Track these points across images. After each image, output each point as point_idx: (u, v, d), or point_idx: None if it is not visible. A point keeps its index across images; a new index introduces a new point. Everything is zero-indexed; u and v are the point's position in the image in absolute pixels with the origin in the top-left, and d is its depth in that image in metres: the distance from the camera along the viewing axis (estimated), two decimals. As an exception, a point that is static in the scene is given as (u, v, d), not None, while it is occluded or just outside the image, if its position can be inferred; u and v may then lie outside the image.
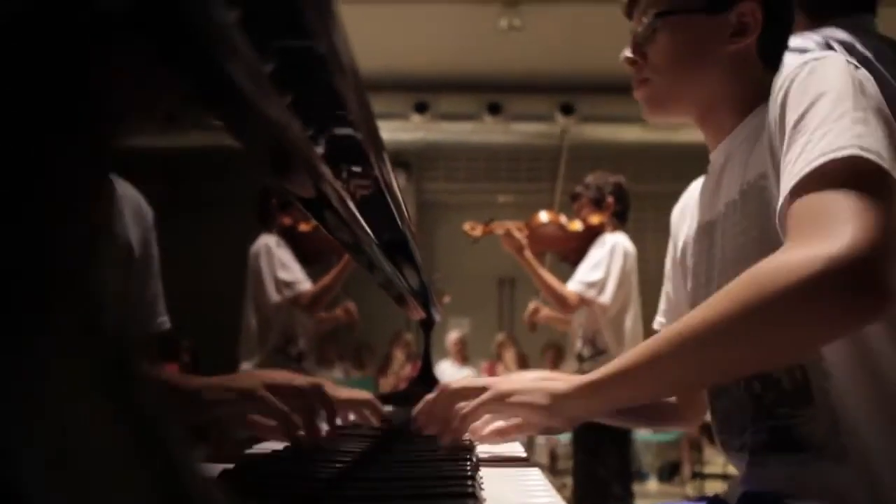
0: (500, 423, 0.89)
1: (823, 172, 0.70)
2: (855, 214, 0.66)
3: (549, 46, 6.19)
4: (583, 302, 2.68)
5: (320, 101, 0.44)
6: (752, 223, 0.86)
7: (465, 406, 0.84)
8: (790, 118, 0.77)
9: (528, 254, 2.69)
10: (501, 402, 0.82)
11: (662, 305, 1.13)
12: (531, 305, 3.00)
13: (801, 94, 0.77)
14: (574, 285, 2.70)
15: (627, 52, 0.96)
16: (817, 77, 0.77)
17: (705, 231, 0.96)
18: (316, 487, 0.61)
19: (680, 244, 1.06)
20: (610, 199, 2.80)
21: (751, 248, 0.84)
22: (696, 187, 1.05)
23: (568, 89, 6.86)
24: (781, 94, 0.79)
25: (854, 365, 0.80)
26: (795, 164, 0.73)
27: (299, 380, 0.94)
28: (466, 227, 2.92)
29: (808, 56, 0.80)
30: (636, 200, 2.99)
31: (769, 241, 0.78)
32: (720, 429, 0.95)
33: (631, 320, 2.71)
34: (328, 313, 3.00)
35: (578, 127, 6.90)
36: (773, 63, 0.92)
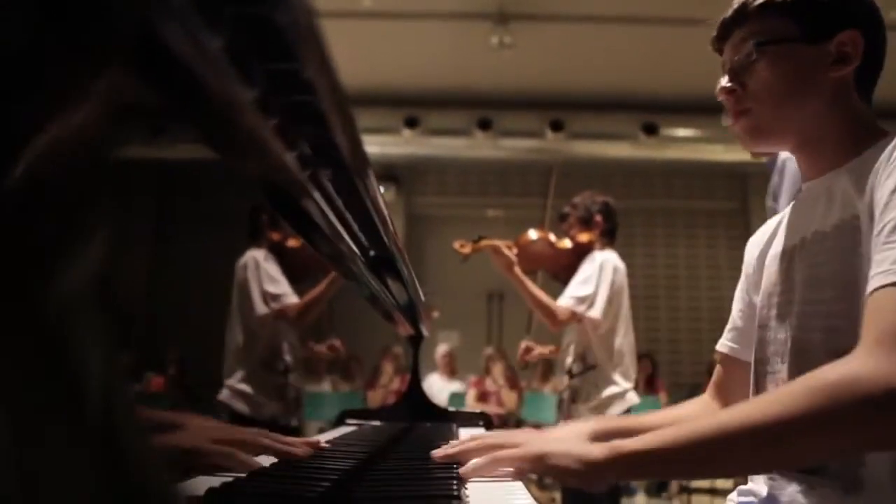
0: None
1: None
2: None
3: (540, 63, 6.24)
4: (573, 316, 2.68)
5: (304, 118, 0.44)
6: (834, 258, 0.85)
7: (498, 454, 0.82)
8: None
9: (517, 270, 2.70)
10: (537, 465, 0.80)
11: (729, 331, 1.10)
12: (522, 345, 3.01)
13: None
14: (564, 300, 2.71)
15: (724, 82, 0.95)
16: None
17: (787, 254, 0.95)
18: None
19: (752, 271, 1.05)
20: (598, 218, 2.81)
21: (827, 280, 0.85)
22: (773, 223, 1.05)
23: (558, 106, 6.91)
24: None
25: None
26: (890, 255, 0.72)
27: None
28: (456, 245, 2.92)
29: None
30: (625, 216, 3.00)
31: (844, 281, 0.81)
32: None
33: (621, 336, 2.71)
34: (314, 347, 3.01)
35: (568, 143, 6.94)
36: (868, 97, 0.92)
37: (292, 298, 2.70)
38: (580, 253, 2.82)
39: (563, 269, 2.84)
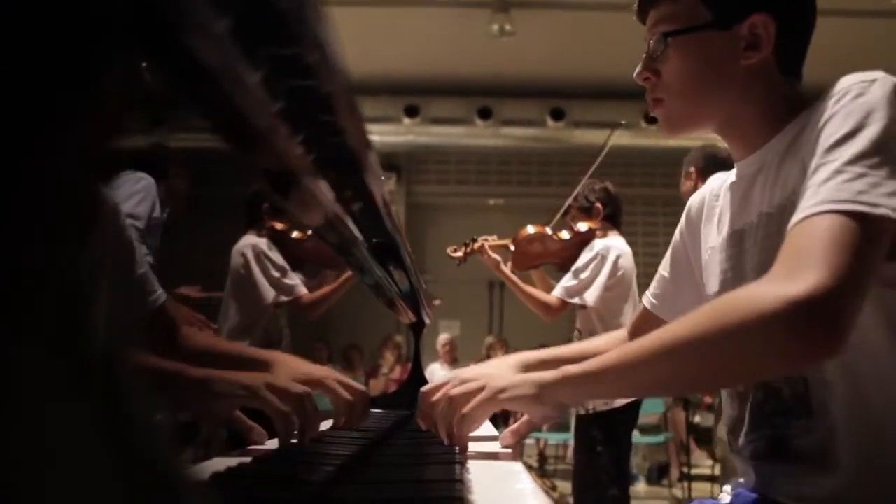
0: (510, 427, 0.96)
1: (836, 214, 0.69)
2: (829, 260, 0.66)
3: (540, 51, 6.21)
4: (565, 305, 2.71)
5: (308, 105, 0.44)
6: (781, 241, 0.83)
7: (464, 411, 0.86)
8: (829, 134, 0.75)
9: (504, 268, 2.80)
10: (494, 400, 0.86)
11: (654, 286, 1.12)
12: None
13: (846, 116, 0.75)
14: (556, 290, 2.74)
15: (639, 70, 0.93)
16: (865, 102, 0.74)
17: (736, 239, 0.94)
18: (304, 492, 0.61)
19: (701, 241, 1.03)
20: (598, 205, 2.82)
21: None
22: (717, 183, 1.03)
23: (559, 94, 6.89)
24: (830, 109, 0.77)
25: (851, 380, 0.80)
26: (818, 193, 0.71)
27: (297, 387, 0.94)
28: (449, 250, 2.97)
29: (861, 76, 0.78)
30: (626, 204, 3.00)
31: None
32: (729, 430, 0.96)
33: (628, 321, 2.72)
34: (320, 285, 2.94)
35: (568, 131, 6.93)
36: (795, 73, 0.90)
37: (304, 289, 2.73)
38: (581, 242, 2.83)
39: (567, 260, 2.85)
